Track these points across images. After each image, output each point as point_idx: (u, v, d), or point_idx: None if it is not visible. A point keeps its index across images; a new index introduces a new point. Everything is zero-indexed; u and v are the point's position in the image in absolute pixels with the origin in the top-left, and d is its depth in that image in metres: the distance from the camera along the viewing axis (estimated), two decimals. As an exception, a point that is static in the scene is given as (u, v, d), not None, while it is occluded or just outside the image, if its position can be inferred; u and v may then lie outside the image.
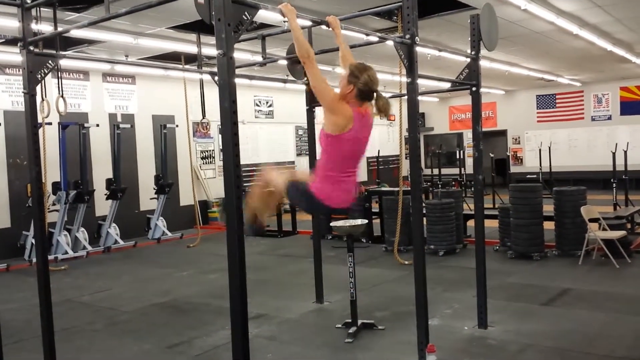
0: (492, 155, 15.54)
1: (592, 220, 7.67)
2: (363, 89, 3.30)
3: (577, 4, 7.96)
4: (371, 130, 3.49)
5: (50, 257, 8.58)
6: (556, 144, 17.38)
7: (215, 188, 13.33)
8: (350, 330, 5.03)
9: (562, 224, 8.00)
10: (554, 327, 5.12)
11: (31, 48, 3.81)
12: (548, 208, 8.20)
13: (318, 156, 3.56)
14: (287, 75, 6.54)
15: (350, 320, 5.18)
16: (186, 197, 12.36)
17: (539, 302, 5.92)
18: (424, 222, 8.06)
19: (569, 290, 6.32)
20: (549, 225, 8.13)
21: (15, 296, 6.90)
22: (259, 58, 7.25)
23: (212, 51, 9.19)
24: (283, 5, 3.27)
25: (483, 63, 5.12)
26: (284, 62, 6.10)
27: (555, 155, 16.14)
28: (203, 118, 9.50)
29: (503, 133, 19.22)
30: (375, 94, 3.37)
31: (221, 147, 2.80)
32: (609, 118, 17.36)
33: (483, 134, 5.25)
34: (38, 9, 4.30)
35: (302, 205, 3.65)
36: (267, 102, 15.25)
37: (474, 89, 5.07)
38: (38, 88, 3.99)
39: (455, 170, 17.28)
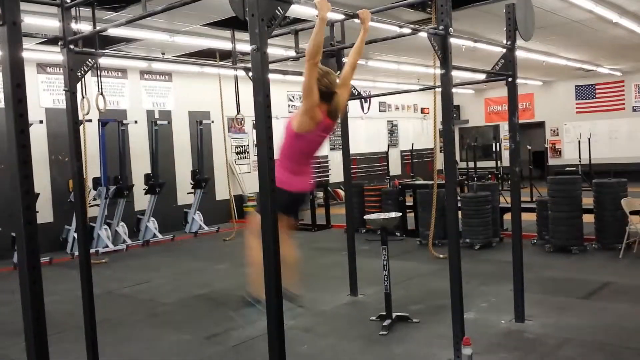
0: (529, 147, 15.23)
1: (633, 212, 7.47)
2: (325, 91, 3.81)
3: (617, -9, 7.76)
4: (328, 135, 4.00)
5: (92, 251, 8.82)
6: (596, 135, 16.97)
7: (250, 183, 13.46)
8: (385, 323, 5.04)
9: (602, 217, 7.82)
10: (593, 321, 5.03)
11: (71, 47, 3.92)
12: (587, 201, 8.03)
13: (278, 147, 3.70)
14: (321, 70, 6.55)
15: (384, 313, 5.18)
16: (222, 192, 12.52)
17: (577, 295, 5.81)
18: (460, 216, 7.99)
19: (609, 284, 6.19)
20: (588, 219, 7.96)
21: (57, 288, 7.13)
22: (292, 53, 7.27)
23: (246, 47, 9.26)
24: (317, 0, 3.30)
25: (519, 53, 5.03)
26: (317, 57, 6.10)
27: (595, 147, 15.76)
28: (238, 114, 9.60)
29: (541, 125, 18.85)
30: (334, 96, 3.87)
31: (255, 142, 2.84)
32: (652, 108, 16.86)
33: (520, 126, 5.16)
34: (77, 8, 4.40)
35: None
36: (300, 97, 15.28)
37: (509, 79, 4.99)
38: (78, 86, 4.10)
39: (492, 163, 17.04)
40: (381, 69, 13.35)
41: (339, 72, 6.00)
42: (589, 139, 15.72)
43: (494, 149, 17.48)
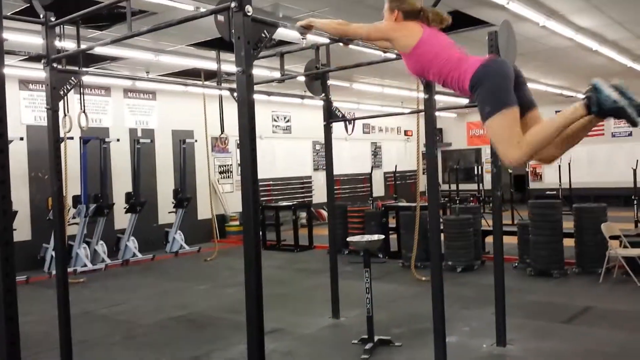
0: (510, 171, 15.42)
1: (612, 237, 7.56)
2: (408, 9, 3.07)
3: (596, 20, 7.93)
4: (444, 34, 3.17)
5: (70, 270, 8.67)
6: (576, 160, 17.18)
7: (232, 202, 13.40)
8: (367, 347, 5.00)
9: (583, 241, 7.89)
10: (574, 346, 5.05)
11: (54, 65, 3.90)
12: (568, 225, 8.11)
13: (436, 72, 3.00)
14: (305, 91, 6.59)
15: (366, 337, 5.15)
16: (204, 211, 12.43)
17: (559, 320, 5.83)
18: (442, 238, 8.01)
19: (589, 308, 6.22)
20: (569, 243, 8.03)
21: (34, 308, 6.98)
22: (277, 74, 7.32)
23: (231, 68, 9.30)
24: (303, 22, 3.22)
25: (501, 79, 5.09)
26: (302, 79, 6.15)
27: (575, 172, 15.96)
28: (222, 133, 9.58)
29: (522, 149, 19.04)
30: (421, 11, 3.11)
31: (239, 162, 2.83)
32: (630, 134, 17.16)
33: (501, 150, 5.21)
34: (62, 26, 4.39)
35: (500, 84, 2.73)
36: (284, 118, 15.34)
37: (491, 105, 5.05)
38: (60, 104, 4.07)
39: (474, 186, 17.17)
40: (366, 91, 13.47)
41: (324, 94, 6.05)
42: (569, 164, 15.93)
43: (476, 172, 17.62)
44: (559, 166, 16.14)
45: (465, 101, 5.46)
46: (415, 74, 3.12)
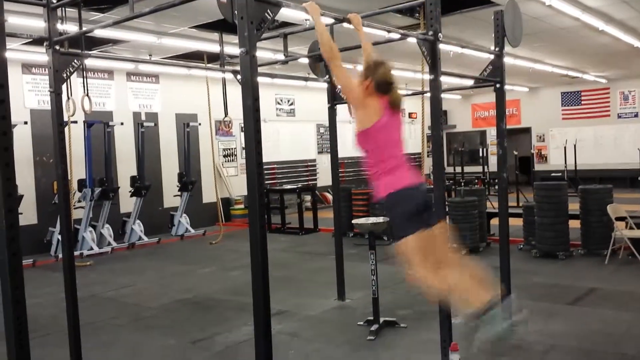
0: (516, 153, 15.35)
1: (618, 218, 7.54)
2: (380, 81, 3.31)
3: (602, -1, 7.83)
4: (401, 119, 3.43)
5: (76, 253, 8.72)
6: (582, 141, 17.12)
7: (237, 185, 13.41)
8: (372, 328, 5.03)
9: (588, 223, 7.88)
10: (579, 327, 5.05)
11: (57, 47, 3.87)
12: (573, 207, 8.08)
13: (365, 163, 3.35)
14: (309, 74, 6.55)
15: (372, 318, 5.17)
16: (209, 195, 12.45)
17: (564, 301, 5.84)
18: (447, 221, 8.00)
19: (595, 289, 6.22)
20: (574, 224, 8.01)
21: (41, 291, 7.03)
22: (280, 56, 7.26)
23: (234, 50, 9.24)
24: (308, 3, 3.32)
25: (507, 60, 5.06)
26: (306, 61, 6.11)
27: (580, 153, 15.89)
28: (225, 116, 9.55)
29: (527, 130, 18.99)
30: (392, 87, 3.36)
31: (243, 145, 2.82)
32: (636, 115, 17.03)
33: (507, 132, 5.19)
34: (63, 9, 4.35)
35: (399, 217, 3.24)
36: (288, 101, 15.28)
37: (498, 85, 5.01)
38: (64, 87, 4.06)
39: (478, 168, 17.13)
40: (369, 73, 13.37)
41: (327, 76, 6.00)
42: (575, 145, 15.86)
43: (480, 154, 17.57)
44: (565, 148, 16.08)
45: (470, 82, 5.41)
46: (359, 145, 3.35)
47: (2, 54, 2.38)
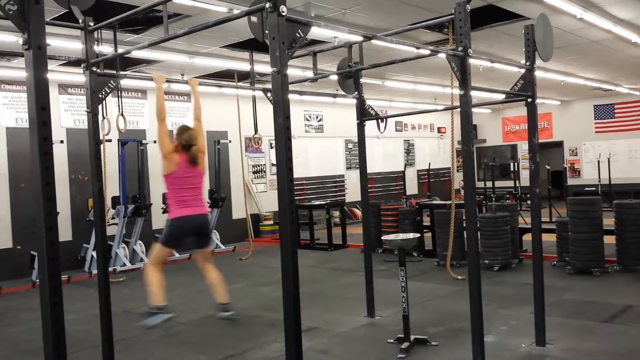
0: (548, 167, 15.12)
1: (655, 234, 7.35)
2: (183, 143, 4.97)
3: (634, 11, 7.72)
4: (199, 170, 5.04)
5: (109, 269, 8.85)
6: (615, 155, 16.78)
7: (266, 201, 13.49)
8: (403, 346, 4.98)
9: (624, 238, 7.70)
10: (615, 345, 4.93)
11: (94, 69, 3.99)
12: (608, 222, 7.92)
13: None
14: (337, 90, 6.59)
15: (402, 336, 5.12)
16: (238, 211, 12.56)
17: (599, 319, 5.70)
18: (478, 236, 7.92)
19: (631, 307, 6.07)
20: (609, 240, 7.84)
21: (75, 307, 7.16)
22: (309, 74, 7.33)
23: (264, 68, 9.37)
24: (155, 74, 4.71)
25: (537, 73, 5.02)
26: (335, 77, 6.16)
27: (614, 167, 15.57)
28: (255, 133, 9.66)
29: (559, 144, 18.70)
30: (191, 148, 4.97)
31: (272, 162, 2.85)
32: (672, 127, 16.65)
33: (539, 146, 5.13)
34: (100, 31, 4.49)
35: (167, 234, 5.05)
36: (317, 117, 15.37)
37: (529, 100, 4.97)
38: (100, 107, 4.17)
39: (509, 183, 16.90)
40: (398, 88, 13.39)
41: (357, 92, 6.03)
42: (609, 159, 15.55)
43: (511, 169, 17.34)
44: (598, 161, 15.78)
45: (500, 97, 5.37)
46: (164, 184, 4.98)
47: (44, 77, 2.46)
